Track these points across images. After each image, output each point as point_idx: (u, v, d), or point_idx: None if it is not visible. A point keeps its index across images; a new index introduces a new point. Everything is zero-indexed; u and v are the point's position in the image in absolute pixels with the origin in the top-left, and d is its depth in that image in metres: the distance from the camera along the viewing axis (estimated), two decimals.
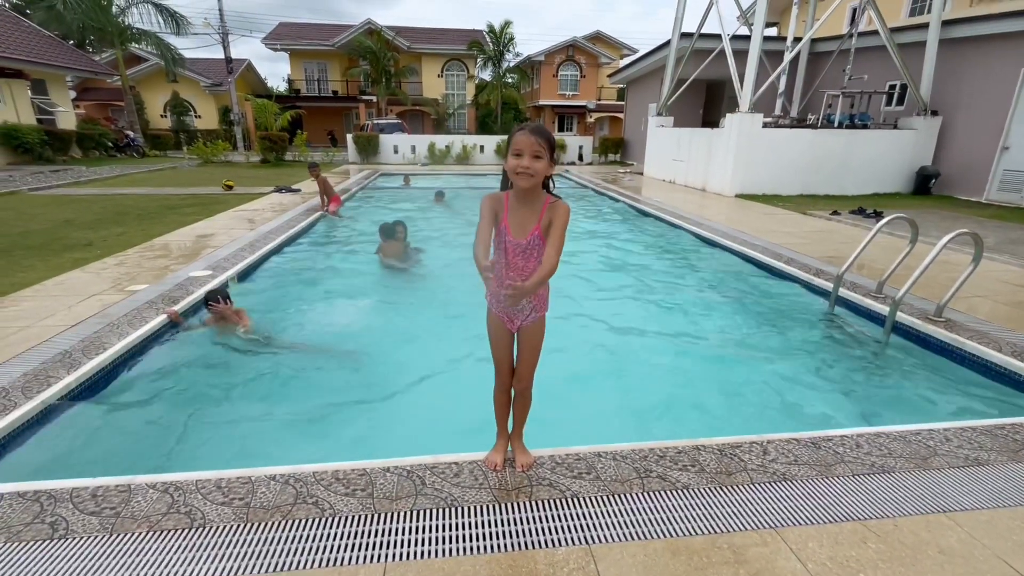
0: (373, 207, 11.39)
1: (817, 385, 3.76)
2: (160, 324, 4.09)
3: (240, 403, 3.42)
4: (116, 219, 8.75)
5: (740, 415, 3.41)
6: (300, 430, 3.17)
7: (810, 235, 7.92)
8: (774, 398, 3.60)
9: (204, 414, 3.23)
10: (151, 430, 3.04)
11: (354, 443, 3.06)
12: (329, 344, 4.32)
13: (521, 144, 1.86)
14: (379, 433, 3.19)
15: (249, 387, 3.61)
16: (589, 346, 4.31)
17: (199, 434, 3.03)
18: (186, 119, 32.83)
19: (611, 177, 17.04)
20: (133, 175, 15.87)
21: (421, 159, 21.85)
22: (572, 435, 2.96)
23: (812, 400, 3.57)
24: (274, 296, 5.48)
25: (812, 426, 3.27)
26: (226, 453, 2.89)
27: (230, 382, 3.67)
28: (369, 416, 3.35)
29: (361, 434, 3.16)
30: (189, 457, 2.83)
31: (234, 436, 3.05)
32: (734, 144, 11.90)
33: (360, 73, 32.38)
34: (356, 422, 3.29)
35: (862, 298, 4.87)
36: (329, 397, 3.54)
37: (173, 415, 3.19)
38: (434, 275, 6.32)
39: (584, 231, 8.74)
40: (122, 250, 6.52)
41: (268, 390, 3.58)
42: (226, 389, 3.57)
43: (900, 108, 13.53)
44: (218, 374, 3.76)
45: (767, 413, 3.43)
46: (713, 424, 3.30)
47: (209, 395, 3.48)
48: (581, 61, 38.76)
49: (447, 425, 3.19)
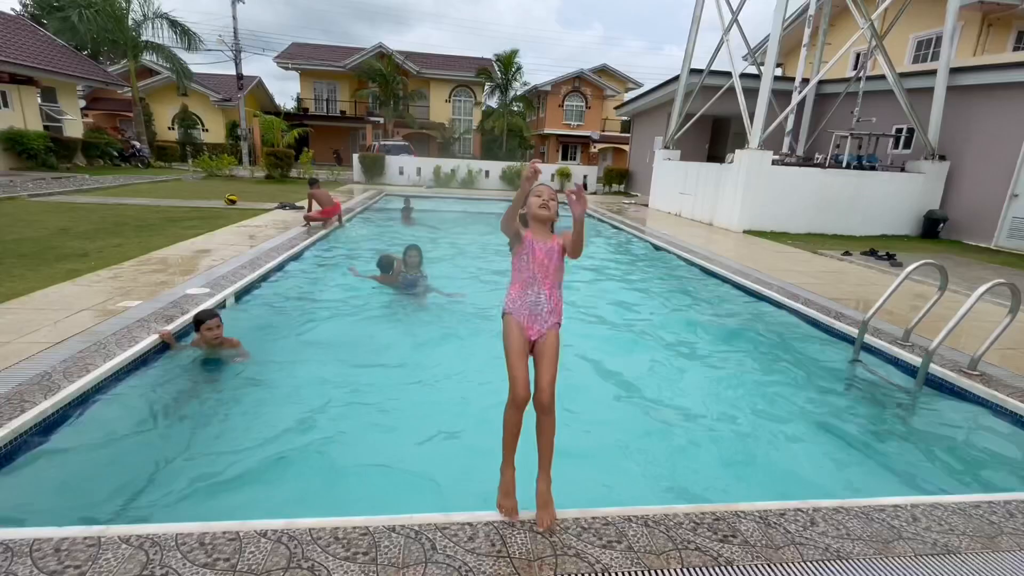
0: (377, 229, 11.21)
1: (849, 438, 3.50)
2: (150, 345, 3.84)
3: (231, 437, 3.14)
4: (114, 230, 8.55)
5: (766, 471, 3.14)
6: (294, 470, 2.89)
7: (823, 275, 7.76)
8: (803, 453, 3.34)
9: (191, 450, 2.95)
10: (131, 468, 2.76)
11: (352, 483, 2.79)
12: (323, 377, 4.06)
13: (542, 190, 2.35)
14: (380, 476, 2.91)
15: (241, 420, 3.34)
16: (603, 396, 4.03)
17: (184, 474, 2.75)
18: (193, 132, 33.02)
19: (616, 207, 17.02)
20: (136, 185, 15.75)
21: (426, 182, 21.87)
22: (592, 494, 2.72)
23: (845, 456, 3.32)
24: (272, 318, 5.24)
25: (846, 485, 3.05)
26: (214, 497, 2.62)
27: (223, 413, 3.40)
28: (368, 455, 3.08)
29: (361, 474, 2.89)
30: (172, 500, 2.55)
31: (224, 477, 2.77)
32: (743, 180, 11.87)
33: (369, 95, 32.79)
34: (353, 461, 3.01)
35: (888, 346, 4.67)
36: (325, 429, 3.27)
37: (157, 451, 2.91)
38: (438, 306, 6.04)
39: (591, 266, 8.55)
40: (117, 263, 6.30)
41: (262, 424, 3.31)
42: (218, 421, 3.31)
43: (907, 151, 13.60)
44: (210, 405, 3.49)
45: (797, 470, 3.17)
46: (739, 481, 3.03)
47: (198, 428, 3.20)
48: (587, 92, 39.39)
49: (451, 471, 2.92)
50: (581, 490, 2.64)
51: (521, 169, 22.51)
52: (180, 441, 3.04)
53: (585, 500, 2.39)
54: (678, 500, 2.54)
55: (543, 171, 23.23)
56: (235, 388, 3.72)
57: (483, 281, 7.30)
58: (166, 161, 26.14)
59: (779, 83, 15.37)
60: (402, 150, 25.20)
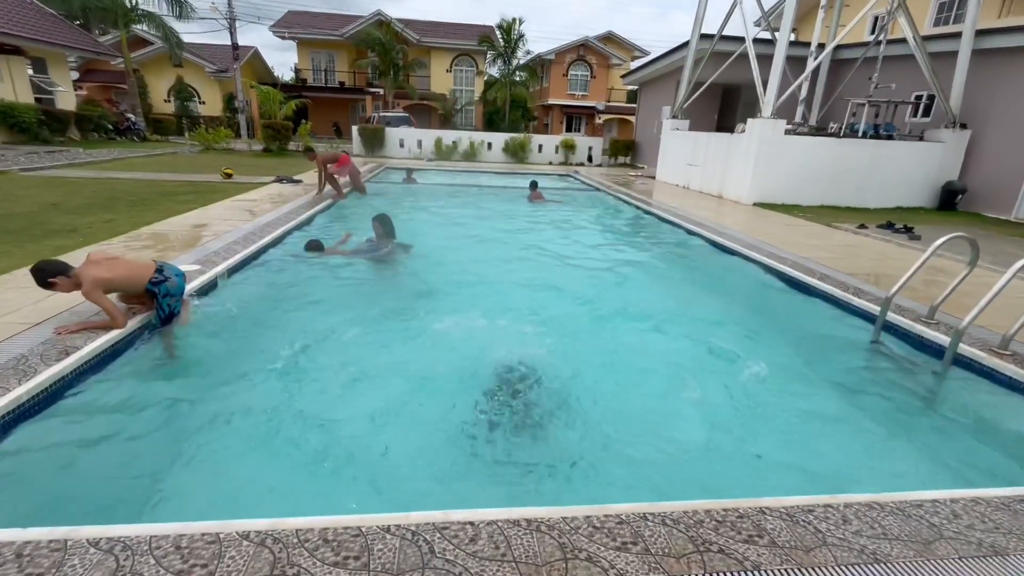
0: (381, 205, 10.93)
1: (874, 424, 3.32)
2: (133, 329, 3.64)
3: (217, 425, 2.97)
4: (106, 204, 8.30)
5: (788, 462, 2.96)
6: (283, 457, 2.73)
7: (839, 250, 7.48)
8: (825, 440, 3.16)
9: (173, 440, 2.78)
10: (107, 459, 2.60)
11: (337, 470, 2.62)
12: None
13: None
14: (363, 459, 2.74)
15: (229, 402, 3.16)
16: (613, 385, 3.80)
17: (165, 466, 2.58)
18: (190, 105, 32.34)
19: (623, 180, 16.59)
20: (131, 159, 15.41)
21: (427, 154, 21.39)
22: (604, 489, 2.54)
23: (871, 443, 3.13)
24: (267, 295, 5.04)
25: (877, 477, 2.86)
26: (197, 488, 2.45)
27: (208, 397, 3.22)
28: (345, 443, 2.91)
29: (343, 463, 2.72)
30: (150, 496, 2.38)
31: (207, 467, 2.61)
32: (754, 150, 11.45)
33: (368, 65, 31.92)
34: (338, 448, 2.84)
35: (911, 323, 4.43)
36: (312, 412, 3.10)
37: (135, 442, 2.74)
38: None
39: (597, 243, 8.27)
40: (107, 238, 6.08)
41: (248, 407, 3.13)
42: (204, 405, 3.13)
43: (926, 119, 13.08)
44: (195, 388, 3.31)
45: (821, 460, 2.98)
46: (760, 473, 2.86)
47: (181, 416, 3.03)
48: (592, 61, 38.27)
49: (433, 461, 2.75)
50: (592, 484, 2.47)
51: (524, 141, 21.95)
52: (159, 430, 2.86)
53: (597, 495, 2.22)
54: (697, 495, 2.35)
55: (547, 142, 22.76)
56: (215, 374, 3.53)
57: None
58: (162, 134, 25.63)
59: (793, 48, 14.72)
60: (402, 121, 24.63)
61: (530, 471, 2.65)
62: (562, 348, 4.12)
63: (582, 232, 8.71)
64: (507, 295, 5.54)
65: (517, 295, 5.55)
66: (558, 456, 2.78)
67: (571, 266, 6.75)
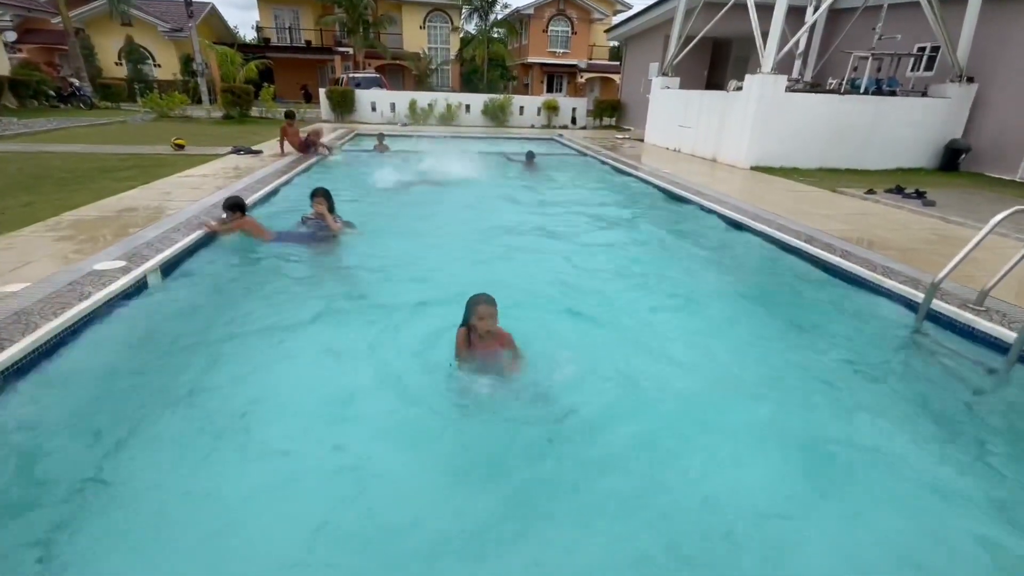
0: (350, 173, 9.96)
1: (929, 439, 2.75)
2: (16, 358, 2.84)
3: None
4: (30, 184, 7.25)
5: (835, 490, 2.39)
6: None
7: (851, 219, 6.89)
8: (871, 460, 2.58)
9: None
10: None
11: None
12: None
13: (483, 311, 2.78)
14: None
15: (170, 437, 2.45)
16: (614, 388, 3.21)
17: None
18: (143, 68, 29.95)
19: (610, 144, 15.70)
20: (73, 129, 13.97)
21: (401, 118, 20.09)
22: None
23: (928, 464, 2.56)
24: (209, 296, 4.25)
25: (953, 508, 2.28)
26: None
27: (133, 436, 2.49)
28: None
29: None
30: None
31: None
32: (754, 110, 10.68)
33: (335, 22, 29.82)
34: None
35: (958, 311, 3.86)
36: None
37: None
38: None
39: (591, 215, 7.54)
40: (19, 227, 5.16)
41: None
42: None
43: (928, 74, 12.40)
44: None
45: (874, 487, 2.41)
46: (798, 507, 2.27)
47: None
48: (572, 16, 36.42)
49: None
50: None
51: (504, 103, 20.73)
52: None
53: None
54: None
55: (529, 104, 21.55)
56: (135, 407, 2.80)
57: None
58: (113, 101, 23.66)
59: None
60: (373, 83, 23.07)
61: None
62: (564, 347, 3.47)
63: (567, 207, 7.95)
64: (488, 274, 4.84)
65: (501, 274, 4.86)
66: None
67: (557, 248, 5.97)
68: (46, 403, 2.76)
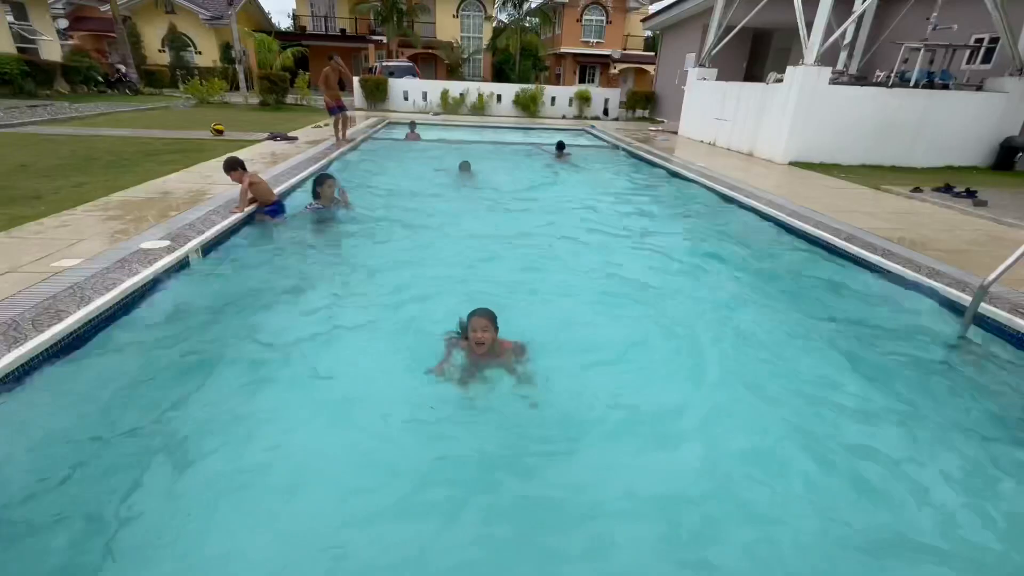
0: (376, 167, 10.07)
1: (970, 458, 2.63)
2: (77, 325, 3.00)
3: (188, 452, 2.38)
4: (81, 166, 7.58)
5: (872, 512, 2.31)
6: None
7: (894, 218, 6.63)
8: (928, 480, 2.49)
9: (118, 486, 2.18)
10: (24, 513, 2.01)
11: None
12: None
13: (475, 323, 2.96)
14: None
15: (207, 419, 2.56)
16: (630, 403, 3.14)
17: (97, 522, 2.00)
18: (185, 55, 30.79)
19: (642, 136, 15.45)
20: (119, 114, 14.51)
21: (433, 107, 20.17)
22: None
23: (978, 491, 2.46)
24: (248, 279, 4.39)
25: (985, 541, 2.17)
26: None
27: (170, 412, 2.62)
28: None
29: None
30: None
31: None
32: (793, 102, 10.33)
33: (369, 9, 29.98)
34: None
35: (1010, 316, 3.69)
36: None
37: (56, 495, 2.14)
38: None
39: (622, 211, 7.44)
40: (73, 206, 5.41)
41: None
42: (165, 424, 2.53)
43: (985, 67, 11.76)
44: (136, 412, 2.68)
45: (918, 505, 2.33)
46: (827, 536, 2.19)
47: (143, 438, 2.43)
48: (608, 4, 35.79)
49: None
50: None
51: (535, 93, 20.56)
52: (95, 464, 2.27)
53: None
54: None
55: (560, 94, 21.34)
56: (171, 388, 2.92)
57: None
58: (156, 87, 24.46)
59: None
60: (406, 71, 23.19)
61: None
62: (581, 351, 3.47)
63: (594, 200, 7.86)
64: (520, 269, 4.85)
65: (523, 269, 4.86)
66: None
67: (583, 243, 5.88)
68: (104, 369, 2.92)
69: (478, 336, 2.92)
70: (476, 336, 2.92)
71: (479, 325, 2.93)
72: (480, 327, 2.93)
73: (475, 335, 2.93)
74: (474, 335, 2.93)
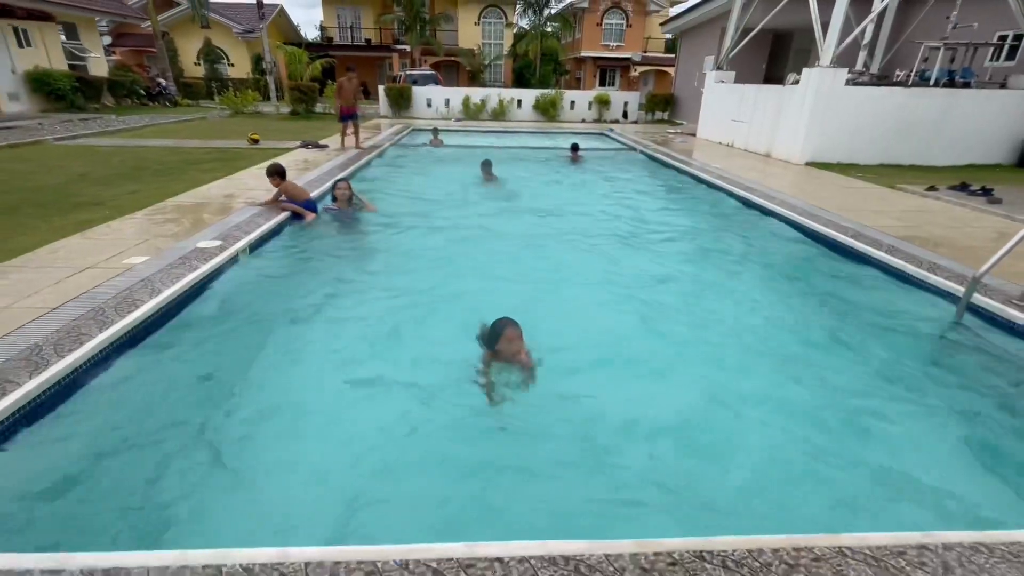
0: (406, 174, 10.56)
1: (964, 437, 2.87)
2: (151, 311, 3.48)
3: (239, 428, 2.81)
4: (132, 174, 8.25)
5: (858, 487, 2.55)
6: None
7: (906, 216, 6.76)
8: (903, 457, 2.72)
9: (192, 447, 2.61)
10: (121, 467, 2.45)
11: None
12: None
13: (511, 334, 3.03)
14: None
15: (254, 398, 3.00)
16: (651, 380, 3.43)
17: (180, 477, 2.42)
18: (219, 67, 32.16)
19: (661, 138, 15.66)
20: (162, 125, 15.42)
21: (455, 114, 20.72)
22: (649, 521, 2.26)
23: (963, 463, 2.69)
24: (293, 273, 4.86)
25: (972, 507, 2.41)
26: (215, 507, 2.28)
27: (230, 399, 3.06)
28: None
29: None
30: (161, 513, 2.23)
31: (227, 477, 2.44)
32: (809, 104, 10.45)
33: (393, 20, 30.82)
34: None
35: (1001, 307, 3.88)
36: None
37: (150, 449, 2.57)
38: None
39: (636, 214, 7.72)
40: (132, 211, 5.99)
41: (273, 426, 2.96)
42: (222, 412, 2.97)
43: (1009, 64, 11.66)
44: (215, 391, 3.12)
45: (900, 482, 2.56)
46: (827, 500, 2.46)
47: (198, 415, 2.87)
48: (628, 8, 35.96)
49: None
50: (636, 514, 2.18)
51: (555, 98, 20.92)
52: (178, 432, 2.71)
53: (643, 528, 1.94)
54: (758, 527, 2.04)
55: (580, 98, 21.66)
56: (248, 363, 3.37)
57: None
58: (193, 99, 25.66)
59: None
60: (429, 79, 23.86)
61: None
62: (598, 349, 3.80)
63: (609, 203, 8.17)
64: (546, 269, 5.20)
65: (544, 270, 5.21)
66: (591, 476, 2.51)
67: (602, 244, 6.18)
68: (176, 349, 3.38)
69: (515, 347, 3.05)
70: (513, 347, 3.04)
71: (515, 334, 3.04)
72: (517, 335, 3.04)
73: (511, 346, 3.04)
74: (510, 346, 3.04)
